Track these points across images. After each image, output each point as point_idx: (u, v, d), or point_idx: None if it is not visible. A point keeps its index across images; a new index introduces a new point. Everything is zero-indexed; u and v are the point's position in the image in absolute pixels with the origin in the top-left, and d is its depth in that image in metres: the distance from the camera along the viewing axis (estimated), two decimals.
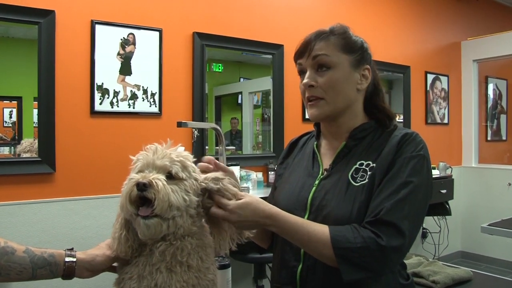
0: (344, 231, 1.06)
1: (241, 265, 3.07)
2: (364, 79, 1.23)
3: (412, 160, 1.12)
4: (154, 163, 1.04)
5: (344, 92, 1.20)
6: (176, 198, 1.00)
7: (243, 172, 3.23)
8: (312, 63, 1.21)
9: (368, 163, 1.16)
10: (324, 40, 1.21)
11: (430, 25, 4.88)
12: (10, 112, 2.68)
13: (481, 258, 4.95)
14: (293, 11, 3.67)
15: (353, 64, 1.21)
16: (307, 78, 1.22)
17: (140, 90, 2.86)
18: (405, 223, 1.05)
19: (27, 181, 2.51)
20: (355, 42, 1.23)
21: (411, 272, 2.02)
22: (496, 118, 5.57)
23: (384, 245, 1.02)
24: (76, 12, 2.64)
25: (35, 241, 2.50)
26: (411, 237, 1.08)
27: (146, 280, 1.03)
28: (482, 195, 5.00)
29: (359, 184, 1.14)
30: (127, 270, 1.07)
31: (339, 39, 1.21)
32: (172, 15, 3.02)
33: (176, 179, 1.03)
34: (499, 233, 2.82)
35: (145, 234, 1.00)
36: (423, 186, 1.12)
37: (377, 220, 1.05)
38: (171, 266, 1.03)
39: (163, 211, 0.98)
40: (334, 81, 1.19)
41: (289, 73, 3.60)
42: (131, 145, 2.81)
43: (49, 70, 2.54)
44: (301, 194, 1.23)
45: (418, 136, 1.19)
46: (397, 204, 1.06)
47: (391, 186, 1.09)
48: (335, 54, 1.20)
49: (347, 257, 1.03)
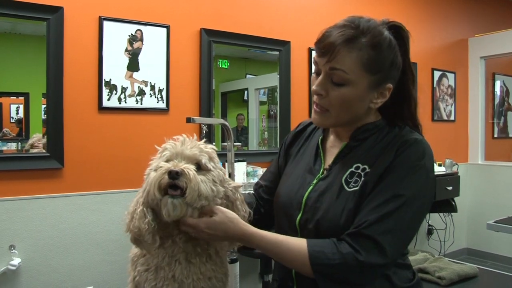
0: (323, 246, 1.04)
1: (248, 260, 3.08)
2: (381, 97, 1.13)
3: (409, 170, 1.06)
4: (183, 153, 1.05)
5: (353, 110, 1.12)
6: (206, 188, 1.03)
7: (249, 168, 3.24)
8: (328, 72, 1.08)
9: (364, 167, 1.10)
10: (349, 49, 1.05)
11: (437, 22, 4.86)
12: (16, 108, 2.70)
13: (486, 255, 4.94)
14: (300, 8, 3.67)
15: (372, 85, 1.10)
16: (317, 85, 1.11)
17: (148, 86, 2.87)
18: (387, 239, 1.01)
19: (35, 177, 2.53)
20: (384, 59, 1.08)
21: (416, 268, 2.03)
22: (503, 115, 5.54)
23: (362, 260, 0.99)
24: (84, 9, 2.66)
25: (43, 235, 2.52)
26: (394, 253, 1.04)
27: (163, 271, 1.04)
28: (488, 192, 4.98)
29: (351, 190, 1.09)
30: (143, 261, 1.08)
31: (367, 51, 1.06)
32: (180, 11, 3.03)
33: (204, 170, 1.05)
34: (505, 230, 2.83)
35: (170, 214, 1.01)
36: (416, 200, 1.05)
37: (358, 232, 1.02)
38: (190, 257, 1.05)
39: (193, 200, 1.01)
40: (345, 99, 1.09)
41: (295, 70, 3.61)
42: (138, 141, 2.83)
43: (58, 66, 2.55)
44: (299, 192, 1.20)
45: (420, 143, 1.10)
46: (381, 218, 1.01)
47: (380, 197, 1.04)
48: (355, 71, 1.06)
49: (325, 273, 1.02)
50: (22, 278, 2.47)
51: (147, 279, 1.06)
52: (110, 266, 2.73)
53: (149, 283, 1.06)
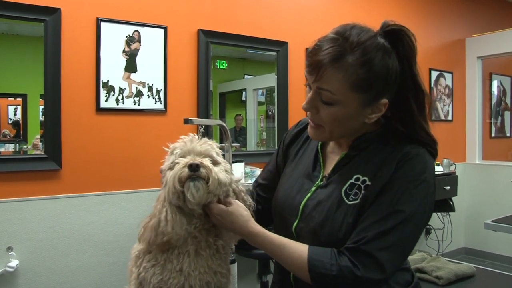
0: (322, 256, 1.04)
1: (246, 260, 3.09)
2: (377, 111, 1.08)
3: (410, 186, 1.03)
4: (195, 149, 1.11)
5: (346, 126, 1.09)
6: (224, 176, 1.10)
7: (247, 168, 3.25)
8: (316, 90, 1.06)
9: (364, 179, 1.08)
10: (335, 69, 1.01)
11: (434, 22, 4.87)
12: (14, 109, 2.70)
13: (484, 255, 4.96)
14: (298, 8, 3.67)
15: (364, 103, 1.05)
16: (307, 103, 1.08)
17: (146, 87, 2.87)
18: (386, 255, 1.00)
19: (33, 178, 2.53)
20: (375, 76, 1.02)
21: (414, 268, 2.03)
22: (500, 115, 5.55)
23: (359, 275, 0.99)
24: (82, 10, 2.66)
25: (41, 237, 2.52)
26: (392, 268, 1.03)
27: (171, 264, 1.07)
28: (486, 191, 5.00)
29: (351, 203, 1.07)
30: (150, 257, 1.11)
31: (355, 70, 1.00)
32: (177, 12, 3.03)
33: (216, 163, 1.12)
34: (502, 229, 2.83)
35: (194, 196, 1.05)
36: (416, 216, 1.03)
37: (356, 248, 1.01)
38: (200, 249, 1.09)
39: (215, 188, 1.07)
40: (336, 118, 1.06)
41: (293, 70, 3.61)
42: (136, 142, 2.83)
43: (55, 67, 2.55)
44: (296, 198, 1.19)
45: (422, 155, 1.07)
46: (380, 235, 1.00)
47: (380, 213, 1.02)
48: (343, 92, 1.02)
49: (322, 282, 1.03)
50: (20, 280, 2.47)
51: (154, 273, 1.08)
52: (108, 267, 2.73)
53: (156, 277, 1.08)
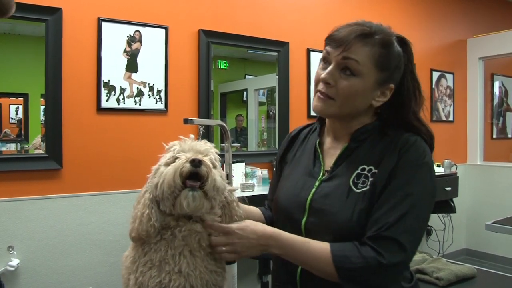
0: (345, 250, 1.06)
1: (246, 261, 3.09)
2: (382, 96, 1.17)
3: (415, 169, 1.09)
4: (194, 147, 1.09)
5: (357, 103, 1.15)
6: (220, 180, 1.07)
7: (248, 169, 3.25)
8: (340, 61, 1.12)
9: (370, 168, 1.13)
10: (363, 44, 1.11)
11: (435, 22, 4.87)
12: (16, 108, 2.70)
13: (485, 256, 4.95)
14: (299, 9, 3.67)
15: (379, 81, 1.14)
16: (327, 73, 1.13)
17: (146, 87, 2.88)
18: (407, 237, 1.05)
19: (34, 177, 2.53)
20: (392, 59, 1.14)
21: (414, 269, 2.04)
22: (501, 116, 5.55)
23: (385, 263, 1.02)
24: (83, 10, 2.66)
25: (42, 236, 2.52)
26: (413, 250, 1.08)
27: (168, 266, 1.05)
28: (487, 192, 4.99)
29: (361, 191, 1.11)
30: (145, 261, 1.07)
31: (379, 48, 1.12)
32: (178, 12, 3.03)
33: (213, 166, 1.09)
34: (503, 230, 2.83)
35: (189, 205, 1.03)
36: (425, 197, 1.10)
37: (378, 235, 1.05)
38: (194, 250, 1.07)
39: (210, 189, 1.04)
40: (352, 90, 1.12)
41: (294, 70, 3.61)
42: (137, 141, 2.83)
43: (56, 67, 2.56)
44: (301, 195, 1.20)
45: (419, 141, 1.15)
46: (399, 219, 1.05)
47: (394, 197, 1.07)
48: (366, 65, 1.11)
49: (350, 277, 1.05)
50: (20, 279, 2.47)
51: (151, 276, 1.05)
52: (109, 267, 2.73)
53: (154, 280, 1.05)
